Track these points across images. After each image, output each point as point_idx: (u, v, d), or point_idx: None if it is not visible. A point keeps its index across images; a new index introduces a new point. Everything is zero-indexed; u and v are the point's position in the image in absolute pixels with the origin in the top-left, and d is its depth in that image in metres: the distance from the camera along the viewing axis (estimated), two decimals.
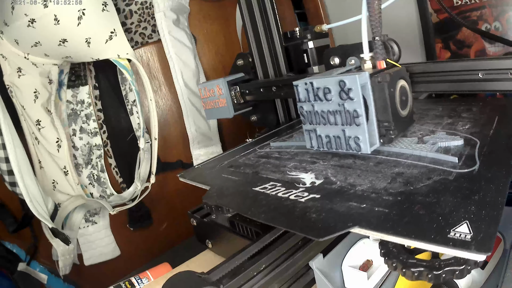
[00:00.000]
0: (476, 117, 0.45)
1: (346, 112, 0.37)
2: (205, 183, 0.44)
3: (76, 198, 0.73)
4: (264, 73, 0.65)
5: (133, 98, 0.77)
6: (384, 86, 0.36)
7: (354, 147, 0.37)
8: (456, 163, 0.33)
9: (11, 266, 0.73)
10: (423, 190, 0.29)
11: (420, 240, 0.23)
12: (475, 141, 0.37)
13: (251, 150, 0.52)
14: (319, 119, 0.40)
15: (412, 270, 0.25)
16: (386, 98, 0.36)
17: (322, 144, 0.41)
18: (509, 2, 0.69)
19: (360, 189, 0.32)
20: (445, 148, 0.37)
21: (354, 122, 0.36)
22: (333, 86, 0.37)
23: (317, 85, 0.38)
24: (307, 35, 0.61)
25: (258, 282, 0.34)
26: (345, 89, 0.36)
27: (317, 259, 0.38)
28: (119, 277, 0.54)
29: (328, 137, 0.40)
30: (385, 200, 0.29)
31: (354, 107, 0.36)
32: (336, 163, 0.39)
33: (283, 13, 1.00)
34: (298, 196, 0.34)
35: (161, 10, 0.73)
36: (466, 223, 0.24)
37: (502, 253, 0.40)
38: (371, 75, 0.36)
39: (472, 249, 0.22)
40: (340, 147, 0.39)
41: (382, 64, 0.39)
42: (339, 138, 0.39)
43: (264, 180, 0.39)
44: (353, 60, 0.47)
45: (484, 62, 0.41)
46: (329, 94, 0.37)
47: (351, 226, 0.27)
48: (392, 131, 0.37)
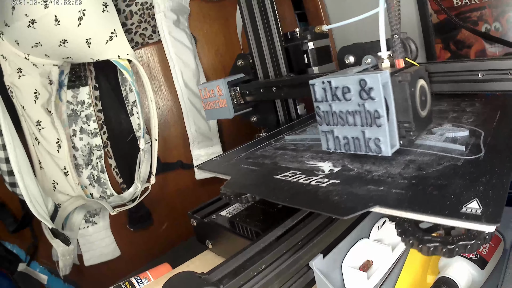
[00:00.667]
0: (480, 112, 0.46)
1: (367, 113, 0.35)
2: (225, 173, 0.45)
3: (76, 198, 0.73)
4: (264, 73, 0.65)
5: (133, 98, 0.78)
6: (405, 85, 0.35)
7: (374, 149, 0.36)
8: (463, 151, 0.35)
9: (11, 266, 0.73)
10: (435, 174, 0.32)
11: (436, 215, 0.25)
12: (479, 132, 0.38)
13: (266, 143, 0.53)
14: (336, 119, 0.38)
15: (428, 245, 0.27)
16: (407, 98, 0.35)
17: (339, 145, 0.39)
18: (509, 3, 0.69)
19: (376, 174, 0.34)
20: (452, 138, 0.38)
21: (375, 123, 0.35)
22: (353, 85, 0.35)
23: (335, 84, 0.37)
24: (307, 35, 0.61)
25: (258, 282, 0.34)
26: (366, 89, 0.35)
27: (317, 259, 0.38)
28: (119, 277, 0.54)
29: (346, 138, 0.38)
30: (400, 183, 0.31)
31: (375, 107, 0.35)
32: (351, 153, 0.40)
33: (283, 13, 1.00)
34: (318, 182, 0.35)
35: (161, 11, 0.74)
36: (476, 200, 0.26)
37: (502, 253, 0.40)
38: (392, 74, 0.35)
39: (482, 222, 0.24)
40: (359, 149, 0.37)
41: (401, 63, 0.38)
42: (358, 139, 0.37)
43: (284, 169, 0.40)
44: (369, 59, 0.45)
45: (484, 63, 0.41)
46: (348, 94, 0.36)
47: (372, 206, 0.29)
48: (412, 132, 0.36)
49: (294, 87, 0.56)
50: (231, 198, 0.40)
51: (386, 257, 0.41)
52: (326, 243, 0.40)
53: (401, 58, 0.38)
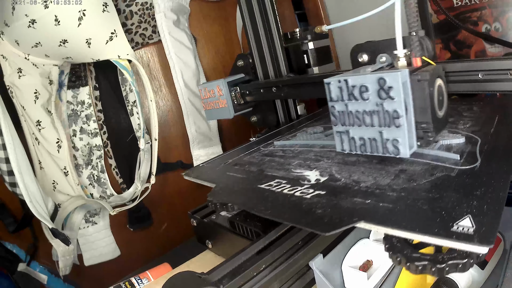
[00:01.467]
0: (477, 116, 0.45)
1: (385, 113, 0.34)
2: (210, 181, 0.44)
3: (76, 198, 0.73)
4: (264, 73, 0.65)
5: (133, 98, 0.78)
6: (424, 85, 0.33)
7: (392, 151, 0.35)
8: (458, 160, 0.33)
9: (11, 266, 0.73)
10: (426, 186, 0.30)
11: (424, 234, 0.24)
12: (476, 139, 0.37)
13: (255, 148, 0.53)
14: (353, 120, 0.36)
15: (416, 264, 0.26)
16: (426, 98, 0.33)
17: (355, 147, 0.37)
18: (509, 3, 0.69)
19: (364, 185, 0.33)
20: (447, 146, 0.37)
21: (394, 123, 0.34)
22: (371, 84, 0.34)
23: (352, 83, 0.35)
24: (307, 36, 0.61)
25: (258, 282, 0.34)
26: (385, 88, 0.33)
27: (317, 259, 0.38)
28: (119, 277, 0.54)
29: (363, 139, 0.37)
30: (389, 196, 0.30)
31: (394, 107, 0.33)
32: (340, 160, 0.40)
33: (283, 13, 1.00)
34: (303, 192, 0.34)
35: (161, 11, 0.74)
36: (469, 217, 0.24)
37: (502, 253, 0.40)
38: (410, 73, 0.33)
39: (475, 242, 0.22)
40: (375, 150, 0.36)
41: (418, 62, 0.36)
42: (375, 140, 0.36)
43: (269, 177, 0.40)
44: (384, 57, 0.43)
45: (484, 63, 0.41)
46: (366, 93, 0.34)
47: (356, 221, 0.27)
48: (430, 133, 0.34)
49: (294, 87, 0.56)
50: (217, 206, 0.39)
51: (386, 257, 0.40)
52: (326, 243, 0.40)
53: (419, 57, 0.36)
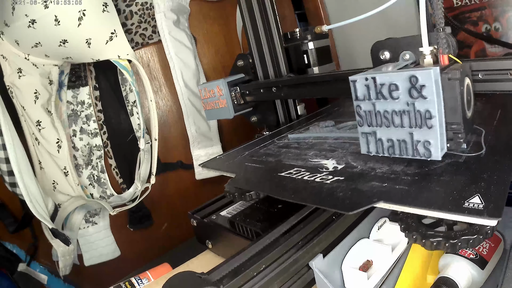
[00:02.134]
0: (480, 110, 0.46)
1: (416, 113, 0.32)
2: (230, 171, 0.45)
3: (76, 198, 0.73)
4: (264, 73, 0.65)
5: (133, 98, 0.78)
6: (455, 84, 0.32)
7: (423, 153, 0.33)
8: (465, 149, 0.35)
9: (11, 266, 0.73)
10: (437, 171, 0.32)
11: (439, 210, 0.26)
12: (480, 130, 0.39)
13: (269, 142, 0.54)
14: (380, 120, 0.34)
15: (431, 240, 0.27)
16: (457, 98, 0.32)
17: (382, 149, 0.35)
18: (509, 3, 0.69)
19: (380, 171, 0.35)
20: None
21: (426, 124, 0.32)
22: (402, 83, 0.32)
23: (381, 81, 0.33)
24: (307, 36, 0.61)
25: (258, 282, 0.34)
26: (417, 86, 0.31)
27: (317, 259, 0.38)
28: (119, 277, 0.54)
29: (391, 141, 0.35)
30: (404, 180, 0.32)
31: (426, 107, 0.31)
32: (354, 150, 0.41)
33: (283, 13, 1.00)
34: (323, 179, 0.36)
35: (161, 11, 0.74)
36: (478, 195, 0.27)
37: (502, 253, 0.40)
38: (441, 71, 0.32)
39: (485, 216, 0.24)
40: (405, 152, 0.34)
41: (446, 60, 0.35)
42: (405, 142, 0.34)
43: (288, 166, 0.41)
44: (407, 55, 0.41)
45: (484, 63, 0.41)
46: (396, 92, 0.33)
47: (376, 201, 0.29)
48: (460, 134, 0.33)
49: (294, 87, 0.56)
50: (235, 196, 0.40)
51: (386, 257, 0.41)
52: (326, 243, 0.40)
53: (446, 54, 0.35)
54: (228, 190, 0.42)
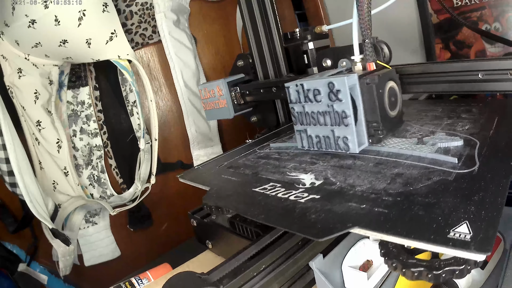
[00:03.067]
0: (476, 118, 0.45)
1: (335, 113, 0.38)
2: (204, 184, 0.44)
3: (76, 199, 0.73)
4: (264, 73, 0.65)
5: (133, 99, 0.78)
6: (373, 87, 0.37)
7: (343, 147, 0.39)
8: (456, 164, 0.33)
9: (11, 266, 0.73)
10: (423, 191, 0.29)
11: (420, 240, 0.23)
12: (475, 142, 0.36)
13: (251, 151, 0.52)
14: (309, 119, 0.41)
15: (412, 270, 0.25)
16: (375, 99, 0.37)
17: (312, 144, 0.42)
18: (509, 3, 0.69)
19: (359, 189, 0.32)
20: (444, 149, 0.37)
21: (343, 122, 0.38)
22: (323, 88, 0.38)
23: (307, 87, 0.39)
24: (307, 36, 0.61)
25: (258, 283, 0.34)
26: (334, 91, 0.37)
27: (317, 259, 0.38)
28: (119, 277, 0.54)
29: (318, 137, 0.41)
30: (384, 201, 0.29)
31: (342, 108, 0.37)
32: (336, 163, 0.39)
33: (283, 13, 1.00)
34: (297, 196, 0.34)
35: (161, 11, 0.74)
36: (466, 223, 0.24)
37: (502, 253, 0.40)
38: (360, 77, 0.37)
39: (471, 249, 0.22)
40: (329, 147, 0.40)
41: (372, 66, 0.40)
42: (329, 138, 0.40)
43: (264, 180, 0.39)
44: (344, 62, 0.48)
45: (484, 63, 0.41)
46: (318, 96, 0.39)
47: (350, 227, 0.27)
48: (380, 131, 0.38)
49: None
50: (212, 209, 0.39)
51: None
52: (326, 243, 0.40)
53: (372, 61, 0.40)
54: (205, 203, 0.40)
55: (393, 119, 0.40)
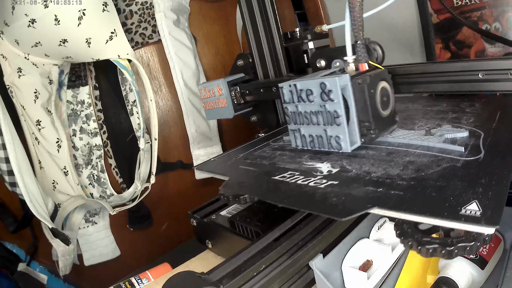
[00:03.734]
0: (479, 112, 0.46)
1: (327, 113, 0.39)
2: (223, 174, 0.45)
3: (76, 198, 0.73)
4: (264, 73, 0.65)
5: (133, 98, 0.78)
6: (364, 87, 0.37)
7: (335, 146, 0.40)
8: (463, 152, 0.35)
9: (11, 266, 0.73)
10: (434, 176, 0.31)
11: (435, 217, 0.25)
12: (479, 133, 0.38)
13: (265, 143, 0.53)
14: (302, 119, 0.42)
15: (427, 247, 0.27)
16: (366, 99, 0.38)
17: (306, 143, 0.43)
18: (509, 3, 0.69)
19: (375, 175, 0.34)
20: (451, 139, 0.38)
21: (335, 122, 0.39)
22: (315, 88, 0.39)
23: (300, 87, 0.40)
24: (307, 35, 0.61)
25: (258, 282, 0.35)
26: (326, 91, 0.38)
27: (317, 259, 0.38)
28: (119, 277, 0.54)
29: (311, 136, 0.42)
30: (399, 185, 0.31)
31: (334, 108, 0.38)
32: (350, 154, 0.41)
33: (283, 13, 1.00)
34: (317, 183, 0.35)
35: (161, 11, 0.73)
36: (475, 202, 0.26)
37: (502, 253, 0.40)
38: (352, 77, 0.37)
39: (482, 223, 0.24)
40: (322, 146, 0.41)
41: (364, 67, 0.41)
42: (321, 137, 0.41)
43: (282, 170, 0.40)
44: (338, 63, 0.48)
45: (484, 63, 0.41)
46: (311, 96, 0.39)
47: (370, 207, 0.29)
48: (372, 131, 0.38)
49: None
50: (230, 199, 0.39)
51: (386, 257, 0.41)
52: (326, 243, 0.40)
53: (364, 62, 0.40)
54: (223, 193, 0.41)
55: (385, 119, 0.40)
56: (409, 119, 0.48)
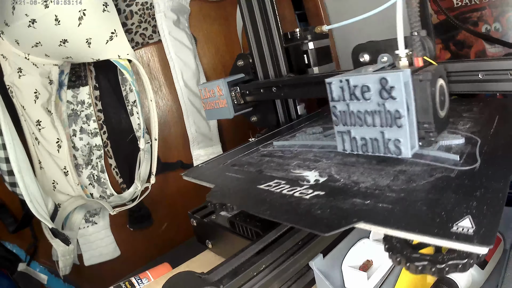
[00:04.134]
0: (477, 117, 0.45)
1: (387, 113, 0.34)
2: (209, 181, 0.44)
3: (76, 198, 0.73)
4: (264, 73, 0.65)
5: (133, 98, 0.78)
6: (426, 85, 0.33)
7: (394, 151, 0.35)
8: (458, 161, 0.33)
9: (11, 266, 0.73)
10: (426, 187, 0.30)
11: (424, 234, 0.24)
12: (476, 140, 0.37)
13: (254, 149, 0.52)
14: (354, 120, 0.36)
15: (416, 264, 0.25)
16: (428, 98, 0.33)
17: (356, 147, 0.37)
18: (509, 3, 0.69)
19: (363, 186, 0.33)
20: (446, 147, 0.37)
21: (395, 123, 0.34)
22: (373, 84, 0.34)
23: (354, 83, 0.35)
24: (307, 36, 0.61)
25: (258, 282, 0.35)
26: (387, 87, 0.33)
27: (317, 259, 0.38)
28: (119, 277, 0.54)
29: (364, 139, 0.37)
30: (388, 197, 0.30)
31: (396, 107, 0.33)
32: (339, 161, 0.40)
33: (283, 13, 1.00)
34: (302, 193, 0.34)
35: (161, 11, 0.74)
36: (469, 217, 0.24)
37: (502, 253, 0.40)
38: (412, 73, 0.33)
39: (474, 243, 0.22)
40: (377, 150, 0.36)
41: (420, 62, 0.36)
42: (377, 140, 0.36)
43: (268, 178, 0.39)
44: (385, 57, 0.43)
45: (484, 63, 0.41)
46: (367, 93, 0.34)
47: (355, 222, 0.27)
48: (432, 133, 0.34)
49: (294, 87, 0.56)
50: (216, 206, 0.38)
51: (386, 257, 0.40)
52: (326, 243, 0.40)
53: (420, 57, 0.36)
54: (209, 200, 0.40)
55: (442, 120, 0.36)
56: None
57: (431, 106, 0.33)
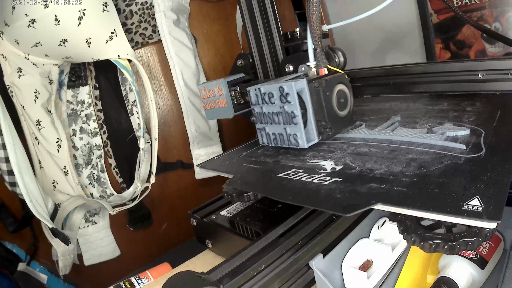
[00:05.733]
0: (480, 111, 0.46)
1: (286, 113, 0.43)
2: (228, 172, 0.46)
3: (76, 198, 0.73)
4: (264, 73, 0.65)
5: (133, 98, 0.78)
6: (319, 90, 0.42)
7: (294, 143, 0.44)
8: (464, 150, 0.35)
9: (11, 266, 0.73)
10: (436, 173, 0.32)
11: (438, 212, 0.26)
12: (480, 131, 0.39)
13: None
14: (266, 119, 0.46)
15: (429, 242, 0.27)
16: (322, 101, 0.42)
17: (270, 140, 0.47)
18: (509, 3, 0.70)
19: (378, 172, 0.35)
20: (453, 137, 0.39)
21: (292, 121, 0.42)
22: (275, 91, 0.43)
23: (263, 91, 0.45)
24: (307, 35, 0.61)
25: (258, 282, 0.35)
26: (284, 94, 0.42)
27: (317, 259, 0.38)
28: (119, 277, 0.54)
29: (275, 134, 0.46)
30: (402, 181, 0.32)
31: (291, 109, 0.42)
32: (353, 151, 0.42)
33: (283, 13, 1.00)
34: (321, 180, 0.36)
35: (161, 11, 0.73)
36: (477, 197, 0.27)
37: (502, 253, 0.40)
38: (309, 81, 0.42)
39: (484, 218, 0.24)
40: (283, 143, 0.45)
41: (324, 71, 0.45)
42: (282, 135, 0.45)
43: (286, 167, 0.41)
44: (303, 68, 0.52)
45: (484, 63, 0.41)
46: (272, 98, 0.44)
47: (374, 203, 0.29)
48: (328, 129, 0.43)
49: None
50: (233, 196, 0.41)
51: (386, 257, 0.41)
52: (326, 243, 0.40)
53: (323, 67, 0.45)
54: (226, 190, 0.43)
55: (342, 118, 0.44)
56: (410, 118, 0.48)
57: (325, 107, 0.42)
